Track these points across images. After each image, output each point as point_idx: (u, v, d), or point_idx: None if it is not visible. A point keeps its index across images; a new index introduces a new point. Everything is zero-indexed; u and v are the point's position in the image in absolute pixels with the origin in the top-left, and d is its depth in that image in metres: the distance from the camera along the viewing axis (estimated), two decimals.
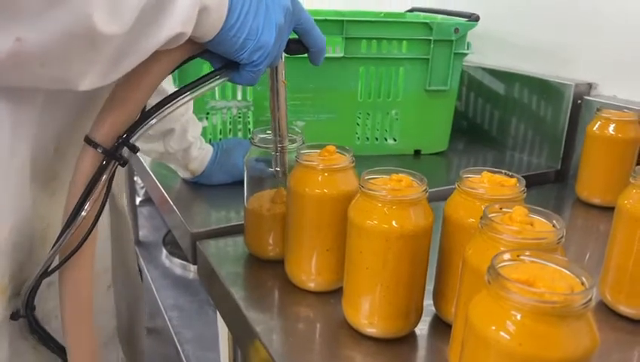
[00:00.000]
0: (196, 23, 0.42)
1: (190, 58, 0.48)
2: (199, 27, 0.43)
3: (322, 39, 0.56)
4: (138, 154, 0.56)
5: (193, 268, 1.60)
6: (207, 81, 0.50)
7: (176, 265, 1.68)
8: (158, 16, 0.40)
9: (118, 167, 0.47)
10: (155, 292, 1.55)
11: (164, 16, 0.40)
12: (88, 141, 0.45)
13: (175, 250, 1.70)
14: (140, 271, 1.85)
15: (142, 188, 2.05)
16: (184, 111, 0.81)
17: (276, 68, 0.58)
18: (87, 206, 0.45)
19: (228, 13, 0.45)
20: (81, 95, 0.46)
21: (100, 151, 0.45)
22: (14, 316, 0.49)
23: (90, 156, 0.45)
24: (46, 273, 0.47)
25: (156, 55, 0.44)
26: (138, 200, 2.06)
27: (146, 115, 0.47)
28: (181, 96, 0.48)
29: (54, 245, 0.46)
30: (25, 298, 0.49)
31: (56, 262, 0.48)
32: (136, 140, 0.47)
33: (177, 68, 0.48)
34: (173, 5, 0.40)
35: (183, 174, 0.87)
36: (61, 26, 0.34)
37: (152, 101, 0.48)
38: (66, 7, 0.34)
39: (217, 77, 0.50)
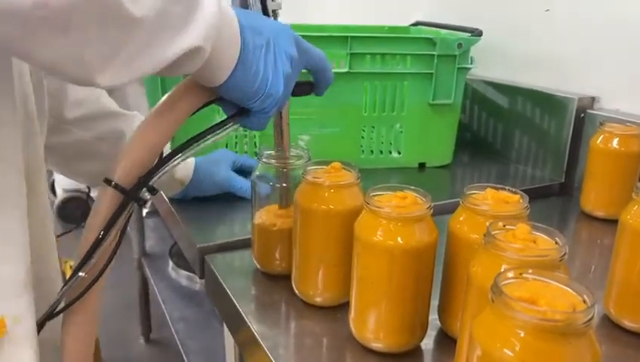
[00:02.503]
0: (209, 62, 0.44)
1: (206, 104, 0.50)
2: (212, 66, 0.45)
3: (331, 77, 0.58)
4: None
5: (200, 279, 1.61)
6: (222, 127, 0.52)
7: (182, 276, 1.69)
8: (181, 22, 0.40)
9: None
10: (162, 304, 1.56)
11: (187, 24, 0.40)
12: (108, 182, 0.46)
13: (181, 261, 1.71)
14: (147, 282, 1.86)
15: None
16: None
17: (281, 111, 0.62)
18: (101, 247, 0.46)
19: (240, 62, 0.46)
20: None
21: (119, 191, 0.46)
22: None
23: (109, 197, 0.46)
24: (52, 315, 0.47)
25: (173, 100, 0.45)
26: (145, 211, 2.07)
27: (164, 160, 0.48)
28: (200, 141, 0.50)
29: (63, 287, 0.46)
30: None
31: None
32: (155, 182, 0.48)
33: (195, 113, 0.50)
34: (194, 19, 0.40)
35: (172, 188, 0.84)
36: None
37: None
38: None
39: (230, 123, 0.52)
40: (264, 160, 0.66)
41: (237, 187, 0.85)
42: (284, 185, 0.66)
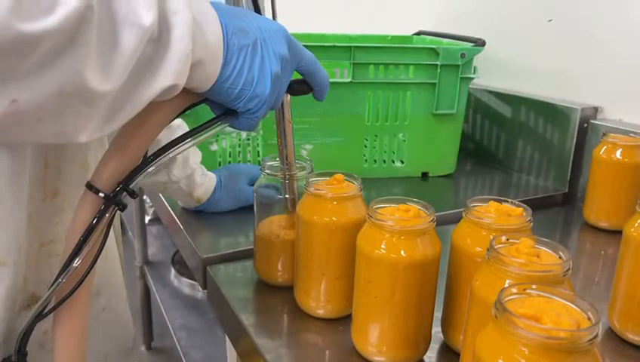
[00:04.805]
0: (191, 76, 0.43)
1: (191, 106, 0.49)
2: (194, 79, 0.44)
3: (326, 78, 0.56)
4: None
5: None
6: (208, 127, 0.51)
7: (184, 284, 1.69)
8: (149, 71, 0.41)
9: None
10: (164, 312, 1.56)
11: (155, 71, 0.41)
12: (89, 186, 0.46)
13: (184, 269, 1.71)
14: (149, 289, 1.85)
15: (150, 206, 2.07)
16: None
17: (282, 108, 0.60)
18: (84, 250, 0.45)
19: (223, 66, 0.46)
20: None
21: (100, 196, 0.45)
22: (6, 361, 0.49)
23: (90, 201, 0.46)
24: (40, 315, 0.47)
25: (156, 105, 0.44)
26: (147, 218, 2.07)
27: (146, 161, 0.48)
28: (182, 143, 0.49)
29: (50, 287, 0.46)
30: (17, 342, 0.48)
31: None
32: (136, 185, 0.47)
33: (179, 115, 0.49)
34: (165, 60, 0.41)
35: (188, 204, 0.85)
36: (55, 85, 0.35)
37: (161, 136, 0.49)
38: (58, 68, 0.35)
39: (218, 123, 0.51)
40: (267, 171, 0.66)
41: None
42: (287, 196, 0.66)
